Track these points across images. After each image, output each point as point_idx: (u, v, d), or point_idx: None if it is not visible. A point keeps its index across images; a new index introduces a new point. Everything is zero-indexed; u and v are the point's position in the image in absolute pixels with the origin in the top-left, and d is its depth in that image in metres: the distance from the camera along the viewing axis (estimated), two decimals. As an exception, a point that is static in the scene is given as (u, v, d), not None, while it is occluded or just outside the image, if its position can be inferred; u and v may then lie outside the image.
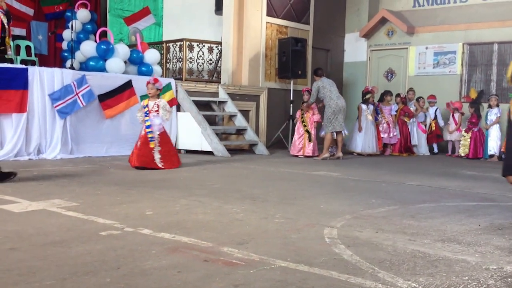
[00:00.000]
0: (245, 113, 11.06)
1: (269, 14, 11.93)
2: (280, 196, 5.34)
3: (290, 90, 11.80)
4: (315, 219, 4.22)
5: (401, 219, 4.29)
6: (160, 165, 7.33)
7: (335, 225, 4.00)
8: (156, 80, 7.50)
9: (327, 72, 12.32)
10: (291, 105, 11.60)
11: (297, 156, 10.03)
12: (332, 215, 4.37)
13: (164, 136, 7.50)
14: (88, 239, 3.39)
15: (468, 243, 3.56)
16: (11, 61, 8.98)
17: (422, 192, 5.88)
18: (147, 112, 7.38)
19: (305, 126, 10.10)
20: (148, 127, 7.34)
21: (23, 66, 8.51)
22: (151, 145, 7.30)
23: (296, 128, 10.32)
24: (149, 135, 7.31)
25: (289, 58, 11.54)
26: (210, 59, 11.84)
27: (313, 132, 10.12)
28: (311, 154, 10.00)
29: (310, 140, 10.06)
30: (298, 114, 10.38)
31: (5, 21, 8.87)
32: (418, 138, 11.99)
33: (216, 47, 11.80)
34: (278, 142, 11.83)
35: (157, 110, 7.37)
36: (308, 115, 10.14)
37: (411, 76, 13.32)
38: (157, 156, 7.33)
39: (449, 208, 4.86)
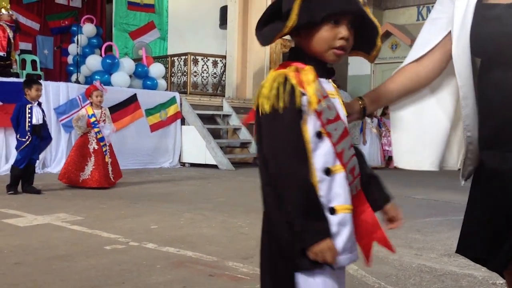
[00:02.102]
0: (249, 127, 11.06)
1: (273, 28, 11.99)
2: (285, 209, 5.31)
3: (294, 103, 11.80)
4: (320, 233, 4.19)
5: (407, 233, 4.26)
6: (112, 179, 6.68)
7: (340, 239, 3.97)
8: (102, 87, 6.77)
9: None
10: (295, 118, 11.60)
11: None
12: (337, 229, 4.34)
13: (111, 147, 6.80)
14: (92, 253, 3.39)
15: (475, 257, 3.53)
16: (16, 75, 9.04)
17: (428, 206, 5.84)
18: (96, 122, 6.55)
19: None
20: (101, 139, 6.56)
21: (29, 80, 8.55)
22: (106, 159, 6.61)
23: None
24: (104, 149, 6.60)
25: (293, 72, 11.57)
26: (215, 73, 11.90)
27: None
28: None
29: None
30: None
31: (11, 35, 8.94)
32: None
33: (220, 60, 11.86)
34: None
35: (105, 120, 6.65)
36: None
37: (415, 89, 13.31)
38: (110, 170, 6.67)
39: (455, 222, 4.83)
